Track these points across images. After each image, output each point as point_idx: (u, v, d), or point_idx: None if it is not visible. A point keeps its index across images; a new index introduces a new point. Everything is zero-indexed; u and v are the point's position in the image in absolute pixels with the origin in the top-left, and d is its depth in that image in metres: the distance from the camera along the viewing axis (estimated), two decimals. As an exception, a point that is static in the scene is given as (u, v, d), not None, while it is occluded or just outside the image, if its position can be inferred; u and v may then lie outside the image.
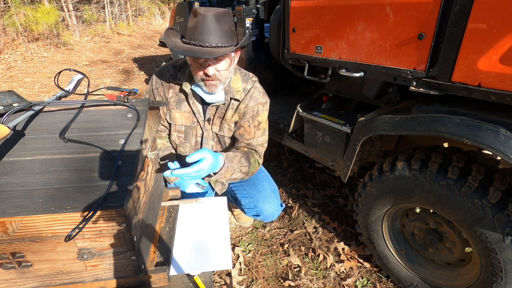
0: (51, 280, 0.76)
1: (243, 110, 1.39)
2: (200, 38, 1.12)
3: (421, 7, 1.06)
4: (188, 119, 1.40)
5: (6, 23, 6.27)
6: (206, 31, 1.11)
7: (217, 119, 1.41)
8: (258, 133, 1.42)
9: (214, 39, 1.12)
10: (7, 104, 0.80)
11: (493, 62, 0.93)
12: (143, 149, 0.82)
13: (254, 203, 1.50)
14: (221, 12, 1.14)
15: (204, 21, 1.11)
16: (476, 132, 0.98)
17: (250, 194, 1.52)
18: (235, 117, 1.41)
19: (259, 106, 1.39)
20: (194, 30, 1.13)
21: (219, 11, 1.14)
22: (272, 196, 1.52)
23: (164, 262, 0.88)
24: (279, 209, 1.54)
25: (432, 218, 1.31)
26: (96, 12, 8.70)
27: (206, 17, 1.11)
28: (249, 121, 1.39)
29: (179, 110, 1.38)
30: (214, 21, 1.11)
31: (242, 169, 1.31)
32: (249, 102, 1.38)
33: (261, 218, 1.54)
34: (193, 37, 1.13)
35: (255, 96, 1.39)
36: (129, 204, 0.68)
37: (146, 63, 6.35)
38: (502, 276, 1.08)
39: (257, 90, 1.40)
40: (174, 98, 1.38)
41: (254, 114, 1.39)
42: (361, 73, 1.37)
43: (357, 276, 1.61)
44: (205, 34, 1.11)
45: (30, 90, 4.57)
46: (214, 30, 1.12)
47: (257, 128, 1.41)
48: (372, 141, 1.52)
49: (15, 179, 0.69)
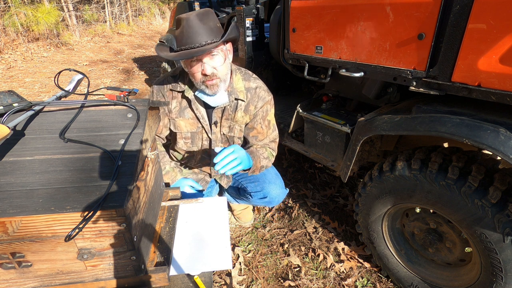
0: (51, 280, 0.76)
1: (253, 111, 1.43)
2: (188, 41, 1.14)
3: (421, 7, 1.06)
4: (193, 125, 1.41)
5: (6, 23, 6.27)
6: (193, 33, 1.13)
7: (226, 121, 1.42)
8: (270, 131, 1.50)
9: (202, 38, 1.13)
10: (7, 104, 0.80)
11: (493, 62, 0.93)
12: (143, 149, 0.82)
13: (261, 186, 1.54)
14: (202, 12, 1.16)
15: (188, 24, 1.13)
16: (476, 132, 0.98)
17: (255, 178, 1.57)
18: (246, 118, 1.43)
19: (267, 105, 1.44)
20: (181, 37, 1.15)
21: (200, 11, 1.16)
22: (277, 179, 1.58)
23: (164, 262, 0.88)
24: (284, 191, 1.59)
25: (432, 218, 1.31)
26: (96, 12, 8.70)
27: (188, 19, 1.13)
28: (260, 122, 1.45)
29: (183, 117, 1.39)
30: (198, 21, 1.13)
31: (264, 155, 1.43)
32: (257, 102, 1.41)
33: (268, 201, 1.57)
34: (182, 43, 1.15)
35: (262, 96, 1.42)
36: (129, 204, 0.68)
37: (146, 63, 6.35)
38: (502, 276, 1.08)
39: (262, 89, 1.42)
40: (177, 107, 1.39)
41: (264, 115, 1.45)
42: (361, 73, 1.37)
43: (357, 276, 1.61)
44: (192, 36, 1.13)
45: (30, 90, 4.57)
46: (199, 30, 1.13)
47: (268, 127, 1.49)
48: (372, 141, 1.52)
49: (15, 179, 0.69)
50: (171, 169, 1.50)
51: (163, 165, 1.47)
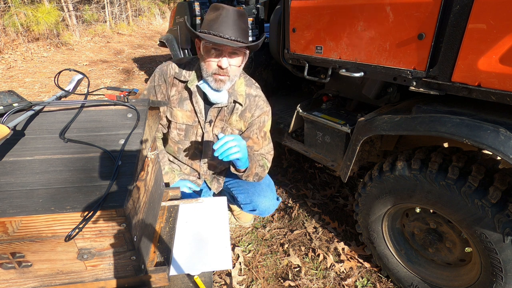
0: (51, 280, 0.76)
1: (249, 119, 1.42)
2: (220, 29, 1.14)
3: (421, 7, 1.06)
4: (189, 118, 1.40)
5: (6, 23, 6.27)
6: (227, 24, 1.14)
7: (219, 122, 1.41)
8: (265, 143, 1.48)
9: (234, 33, 1.14)
10: (7, 104, 0.80)
11: (493, 62, 0.93)
12: (143, 149, 0.82)
13: (250, 198, 1.51)
14: (241, 11, 1.18)
15: (226, 15, 1.14)
16: (476, 132, 0.98)
17: (245, 189, 1.54)
18: (241, 124, 1.42)
19: (265, 116, 1.43)
20: (214, 22, 1.15)
21: (240, 9, 1.17)
22: (268, 190, 1.54)
23: (164, 262, 0.88)
24: (275, 203, 1.56)
25: (432, 218, 1.31)
26: (96, 12, 8.70)
27: (228, 11, 1.14)
28: (256, 133, 1.43)
29: (181, 108, 1.38)
30: (236, 17, 1.15)
31: (260, 163, 1.39)
32: (255, 111, 1.41)
33: (258, 213, 1.55)
34: (213, 28, 1.15)
35: (260, 105, 1.41)
36: (129, 204, 0.68)
37: (146, 63, 6.35)
38: (502, 276, 1.08)
39: (261, 99, 1.42)
40: (177, 96, 1.37)
41: (260, 125, 1.43)
42: (361, 73, 1.37)
43: (357, 276, 1.61)
44: (226, 27, 1.14)
45: (30, 90, 4.57)
46: (234, 25, 1.14)
47: (264, 138, 1.47)
48: (372, 141, 1.52)
49: (15, 179, 0.69)
50: (170, 170, 1.50)
51: (162, 165, 1.47)
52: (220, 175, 1.64)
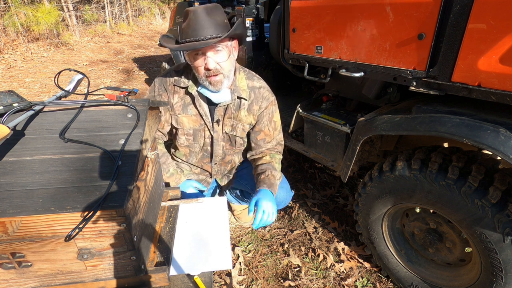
0: (51, 280, 0.76)
1: (258, 111, 1.42)
2: (194, 33, 1.13)
3: (421, 7, 1.06)
4: (195, 122, 1.40)
5: (6, 23, 6.27)
6: (199, 26, 1.13)
7: (228, 120, 1.41)
8: (276, 133, 1.50)
9: (208, 31, 1.13)
10: (7, 104, 0.80)
11: (493, 62, 0.93)
12: (143, 149, 0.82)
13: None
14: (210, 6, 1.16)
15: (195, 17, 1.13)
16: (476, 132, 0.98)
17: None
18: (250, 118, 1.42)
19: (272, 106, 1.44)
20: (187, 28, 1.15)
21: (208, 5, 1.15)
22: (283, 182, 1.56)
23: (164, 262, 0.88)
24: (290, 194, 1.58)
25: (432, 218, 1.31)
26: (96, 12, 8.70)
27: (196, 12, 1.12)
28: (267, 125, 1.44)
29: (186, 114, 1.38)
30: (205, 15, 1.13)
31: (277, 176, 1.44)
32: (262, 103, 1.41)
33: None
34: (188, 35, 1.14)
35: (266, 96, 1.41)
36: (129, 204, 0.68)
37: (146, 63, 6.35)
38: (502, 276, 1.08)
39: (266, 90, 1.42)
40: (180, 103, 1.38)
41: (270, 116, 1.44)
42: (361, 73, 1.37)
43: (357, 276, 1.61)
44: (198, 29, 1.13)
45: (30, 90, 4.58)
46: (206, 23, 1.13)
47: (275, 128, 1.48)
48: (372, 141, 1.52)
49: (15, 179, 0.69)
50: (175, 171, 1.49)
51: (167, 167, 1.46)
52: (230, 172, 1.66)
